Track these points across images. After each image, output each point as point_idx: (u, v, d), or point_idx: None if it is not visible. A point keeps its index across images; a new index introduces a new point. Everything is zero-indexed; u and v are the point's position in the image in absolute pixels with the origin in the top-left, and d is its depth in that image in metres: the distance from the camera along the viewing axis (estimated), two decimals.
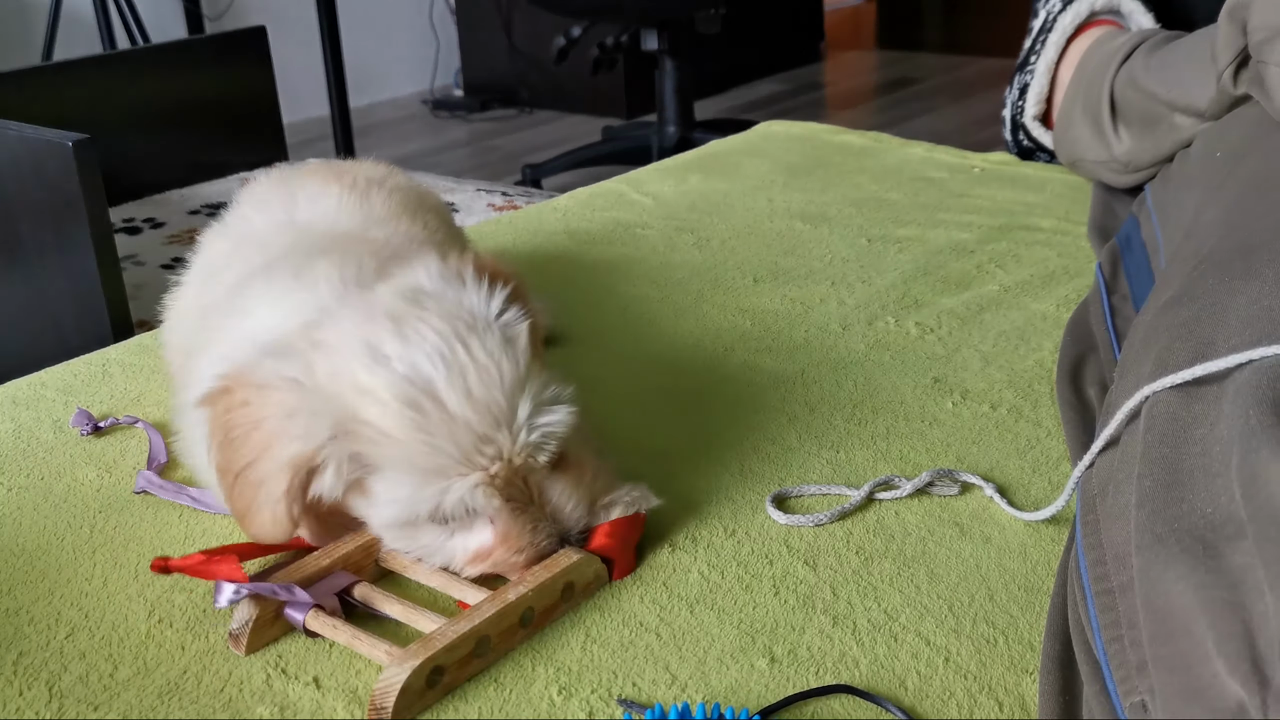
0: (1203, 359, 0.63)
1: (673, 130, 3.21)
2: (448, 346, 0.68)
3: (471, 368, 0.68)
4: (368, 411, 0.67)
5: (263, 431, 0.68)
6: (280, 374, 0.69)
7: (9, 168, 1.42)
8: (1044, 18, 1.45)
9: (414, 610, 0.69)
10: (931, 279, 1.20)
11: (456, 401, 0.67)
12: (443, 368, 0.67)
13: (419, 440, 0.66)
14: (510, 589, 0.69)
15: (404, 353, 0.68)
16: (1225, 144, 1.01)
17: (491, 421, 0.68)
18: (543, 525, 0.71)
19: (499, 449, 0.68)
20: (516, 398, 0.68)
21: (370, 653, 0.66)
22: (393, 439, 0.67)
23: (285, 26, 3.63)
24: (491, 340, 0.69)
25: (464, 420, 0.67)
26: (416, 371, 0.67)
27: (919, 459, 0.87)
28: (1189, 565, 0.53)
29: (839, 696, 0.64)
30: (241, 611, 0.68)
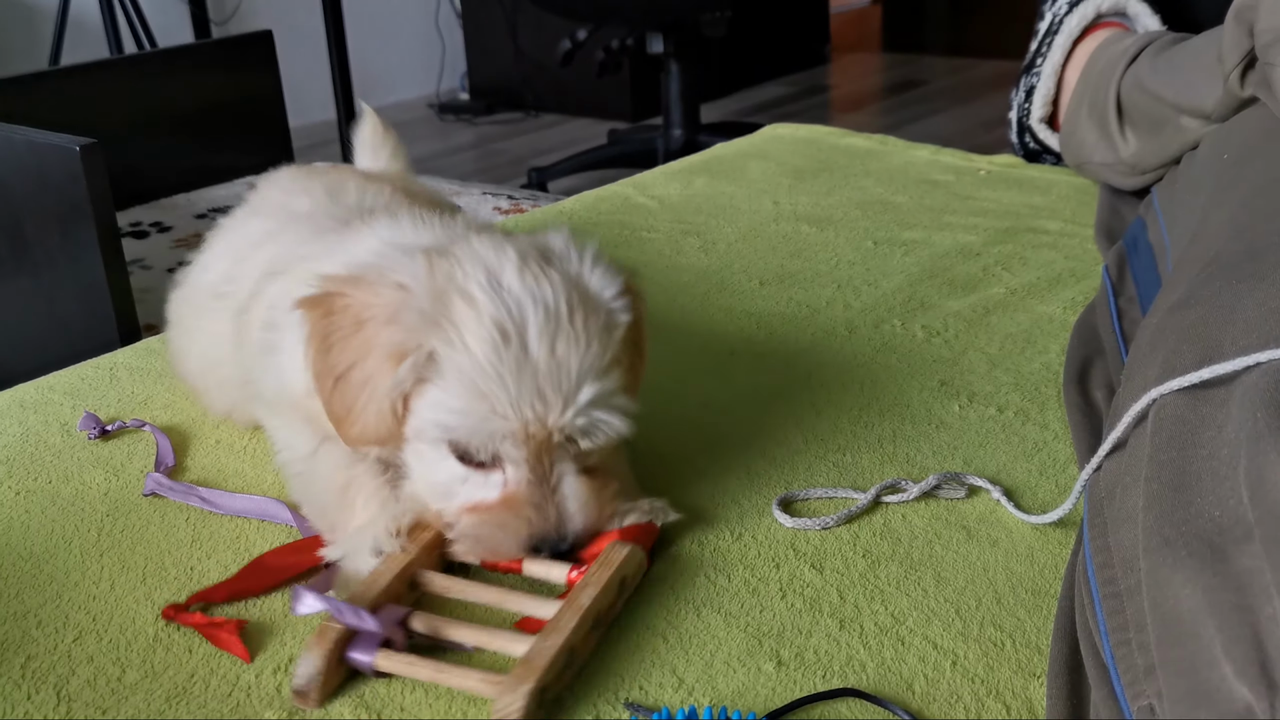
0: (1210, 362, 0.63)
1: (678, 133, 3.21)
2: (554, 302, 0.70)
3: (567, 331, 0.69)
4: (462, 317, 0.69)
5: (366, 332, 0.70)
6: (390, 276, 0.71)
7: (17, 172, 1.42)
8: (1050, 20, 1.45)
9: (485, 632, 0.68)
10: (938, 282, 1.20)
11: (538, 349, 0.69)
12: (542, 318, 0.69)
13: (489, 362, 0.68)
14: (579, 594, 0.68)
15: (517, 287, 0.70)
16: (1232, 146, 1.01)
17: (555, 384, 0.69)
18: (544, 513, 0.71)
19: (548, 412, 0.69)
20: (587, 378, 0.70)
21: (462, 684, 0.64)
22: (469, 351, 0.68)
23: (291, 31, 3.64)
24: (595, 319, 0.71)
25: (534, 368, 0.68)
26: (518, 307, 0.69)
27: (926, 462, 0.87)
28: (1197, 568, 0.53)
29: (846, 700, 0.64)
30: (305, 666, 0.65)
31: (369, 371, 0.70)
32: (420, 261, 0.72)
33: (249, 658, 0.69)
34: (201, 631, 0.71)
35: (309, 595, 0.69)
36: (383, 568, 0.71)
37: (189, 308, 0.98)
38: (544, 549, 0.72)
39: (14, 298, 1.52)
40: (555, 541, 0.72)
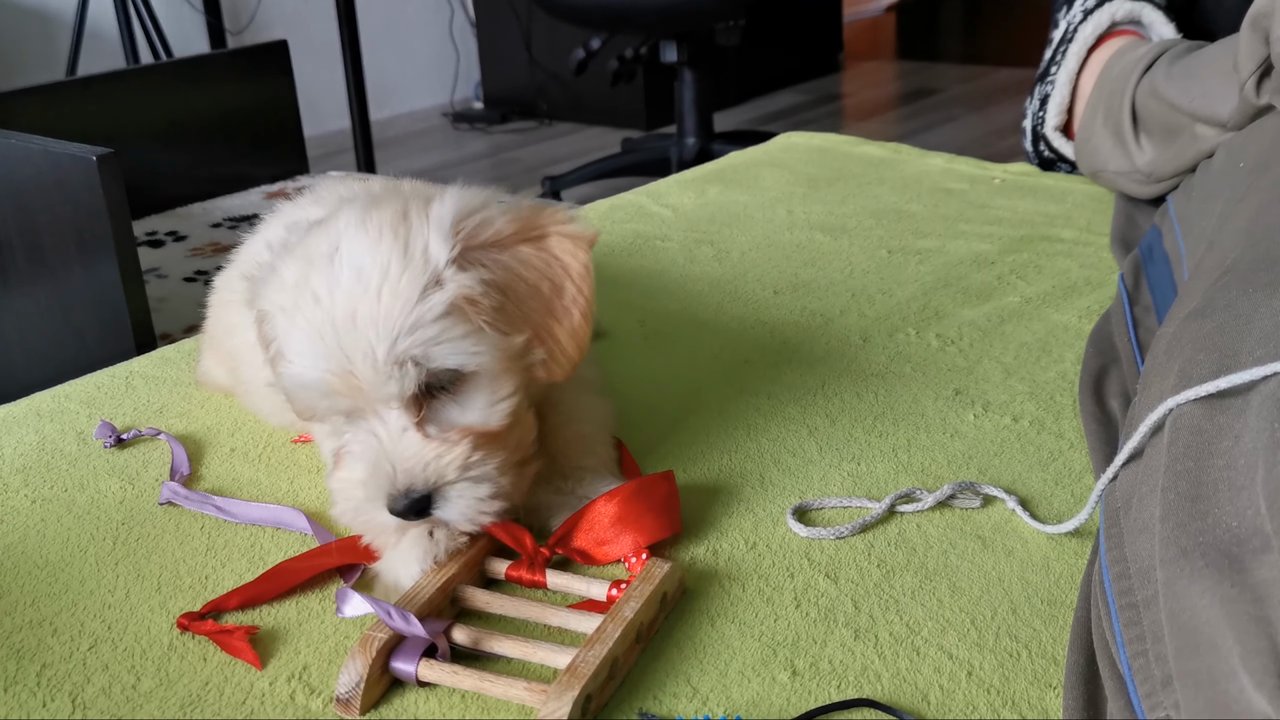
0: (1227, 371, 0.63)
1: (692, 142, 3.21)
2: (370, 267, 0.72)
3: (373, 295, 0.71)
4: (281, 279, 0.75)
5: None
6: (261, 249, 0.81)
7: (34, 182, 1.43)
8: (1064, 28, 1.45)
9: (528, 644, 0.68)
10: (952, 290, 1.19)
11: (342, 312, 0.71)
12: (349, 280, 0.72)
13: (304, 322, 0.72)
14: (622, 606, 0.68)
15: (346, 254, 0.73)
16: (1248, 154, 1.00)
17: (357, 344, 0.71)
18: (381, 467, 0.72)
19: (351, 366, 0.71)
20: (390, 336, 0.71)
21: (506, 693, 0.64)
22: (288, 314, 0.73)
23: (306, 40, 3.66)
24: (409, 281, 0.72)
25: (338, 330, 0.71)
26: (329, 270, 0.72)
27: (940, 471, 0.87)
28: (1214, 579, 0.53)
29: (861, 710, 0.64)
30: (348, 674, 0.65)
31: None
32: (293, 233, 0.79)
33: (260, 664, 0.69)
34: (213, 639, 0.71)
35: (356, 596, 0.70)
36: (423, 581, 0.71)
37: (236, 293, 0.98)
38: (393, 508, 0.72)
39: (31, 306, 1.53)
40: (398, 499, 0.72)
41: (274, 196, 2.24)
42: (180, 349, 1.14)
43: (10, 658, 0.71)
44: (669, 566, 0.72)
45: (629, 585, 0.71)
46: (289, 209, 1.00)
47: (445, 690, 0.67)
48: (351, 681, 0.65)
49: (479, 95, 4.46)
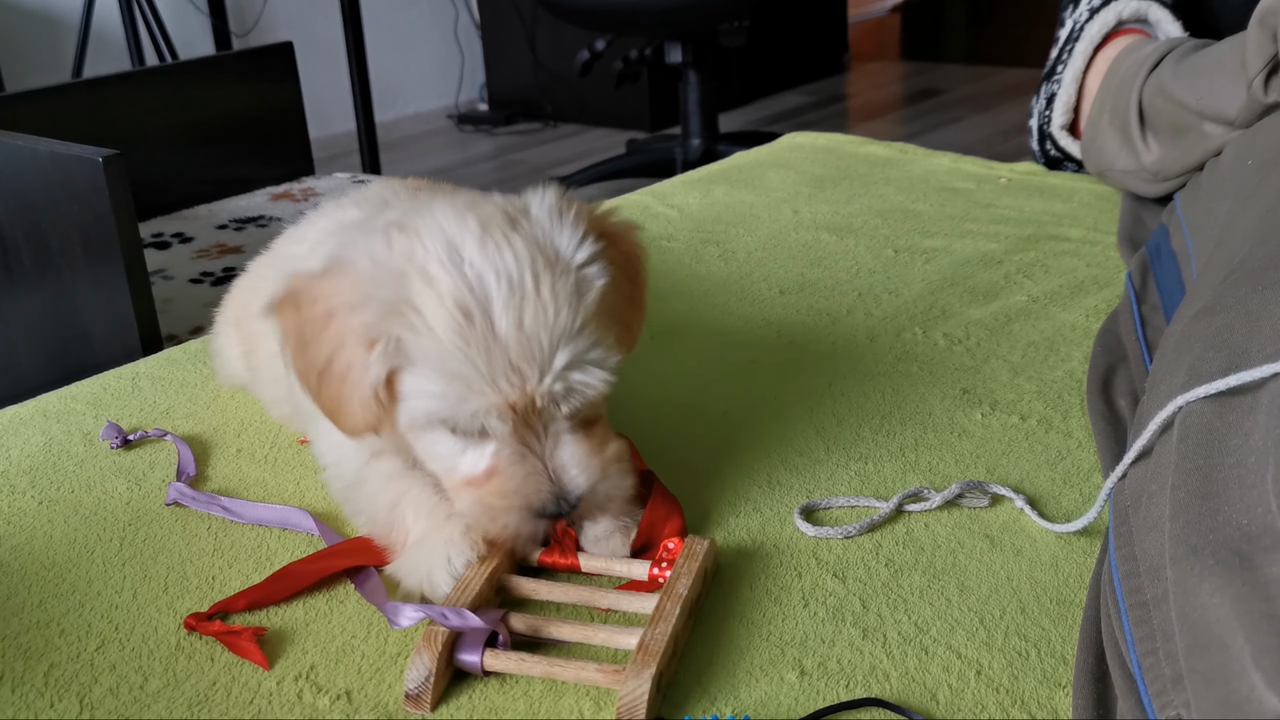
0: (1236, 369, 0.63)
1: (697, 143, 3.21)
2: (518, 271, 0.69)
3: (533, 300, 0.68)
4: (424, 300, 0.68)
5: (335, 323, 0.70)
6: (349, 255, 0.71)
7: (40, 183, 1.43)
8: (1071, 27, 1.45)
9: (588, 628, 0.68)
10: (959, 290, 1.19)
11: (505, 324, 0.68)
12: (505, 290, 0.68)
13: (455, 346, 0.68)
14: (675, 584, 0.70)
15: (478, 260, 0.69)
16: (1256, 152, 1.00)
17: (527, 356, 0.68)
18: (538, 479, 0.71)
19: (525, 383, 0.69)
20: (560, 344, 0.69)
21: (579, 676, 0.65)
22: (434, 335, 0.68)
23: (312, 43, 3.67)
24: (563, 283, 0.70)
25: (503, 344, 0.68)
26: (481, 283, 0.68)
27: (948, 470, 0.87)
28: (1225, 577, 0.52)
29: (870, 710, 0.64)
30: (417, 670, 0.65)
31: (345, 361, 0.70)
32: (378, 241, 0.71)
33: (267, 665, 0.69)
34: (220, 639, 0.71)
35: (407, 608, 0.70)
36: (469, 574, 0.71)
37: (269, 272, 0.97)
38: (549, 513, 0.72)
39: (37, 308, 1.53)
40: (557, 504, 0.72)
41: (279, 198, 2.24)
42: (186, 350, 1.14)
43: (18, 658, 0.71)
44: (709, 543, 0.74)
45: (674, 564, 0.72)
46: (330, 209, 0.99)
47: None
48: (420, 677, 0.65)
49: (484, 97, 4.47)
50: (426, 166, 3.78)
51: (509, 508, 0.71)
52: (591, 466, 0.72)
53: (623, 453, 0.75)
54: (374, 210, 0.94)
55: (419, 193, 0.98)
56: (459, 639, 0.67)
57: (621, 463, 0.75)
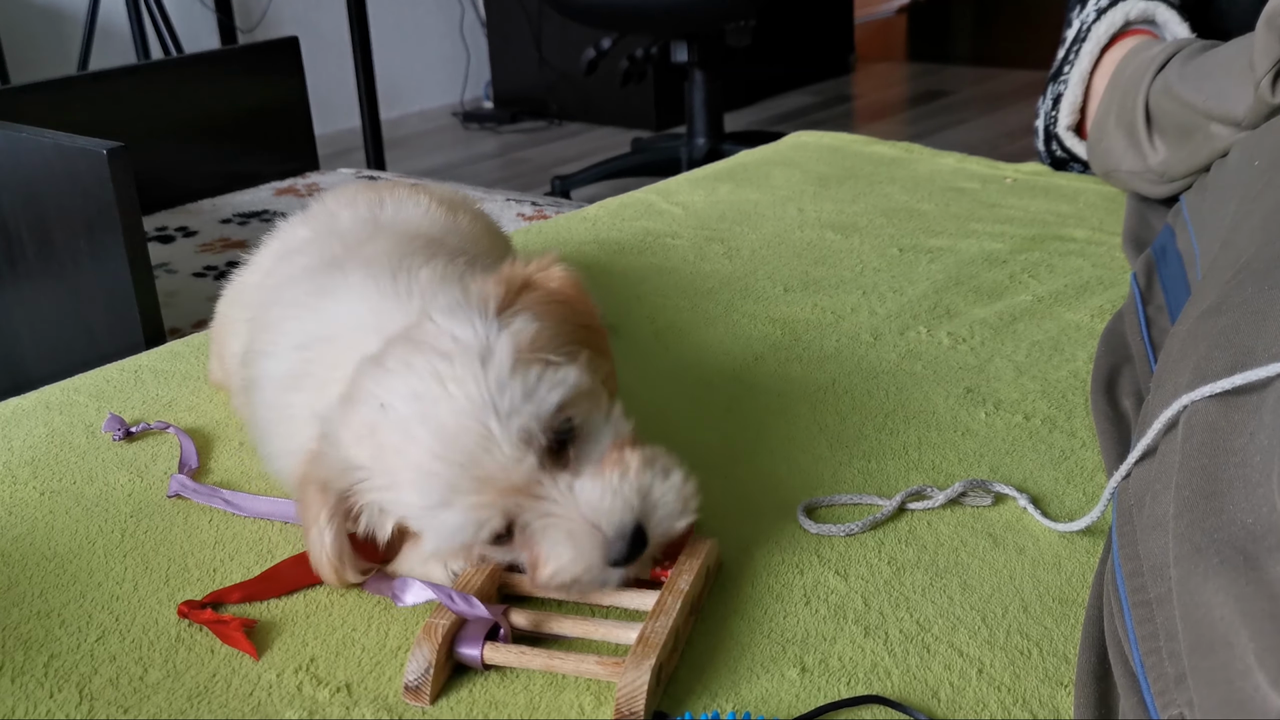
0: (1242, 368, 0.62)
1: (702, 142, 3.21)
2: (424, 387, 0.67)
3: (445, 403, 0.66)
4: (370, 459, 0.68)
5: (305, 501, 0.71)
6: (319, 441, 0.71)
7: (44, 175, 1.43)
8: (1078, 27, 1.44)
9: (589, 622, 0.68)
10: (964, 289, 1.19)
11: (433, 437, 0.66)
12: (419, 409, 0.67)
13: (412, 479, 0.67)
14: (677, 580, 0.70)
15: (393, 399, 0.68)
16: (1263, 153, 1.00)
17: (472, 445, 0.66)
18: (577, 535, 0.67)
19: (486, 468, 0.66)
20: (486, 415, 0.66)
21: (579, 669, 0.65)
22: (392, 483, 0.68)
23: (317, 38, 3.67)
24: (462, 367, 0.67)
25: (444, 453, 0.66)
26: (400, 417, 0.67)
27: (951, 469, 0.87)
28: (1229, 577, 0.52)
29: (871, 707, 0.64)
30: (417, 662, 0.65)
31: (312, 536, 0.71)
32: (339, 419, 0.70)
33: (256, 654, 0.69)
34: (210, 628, 0.71)
35: (416, 585, 0.70)
36: (471, 570, 0.71)
37: (233, 305, 0.98)
38: (614, 558, 0.67)
39: (41, 300, 1.53)
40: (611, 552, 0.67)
41: (284, 193, 2.24)
42: (189, 343, 1.14)
43: (18, 648, 0.71)
44: (711, 543, 0.74)
45: (675, 562, 0.72)
46: (283, 228, 0.99)
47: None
48: (420, 669, 0.65)
49: (489, 95, 4.47)
50: (431, 164, 3.78)
51: (583, 573, 0.68)
52: (625, 490, 0.68)
53: (651, 455, 0.71)
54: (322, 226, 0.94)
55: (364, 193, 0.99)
56: (459, 632, 0.67)
57: (653, 468, 0.70)
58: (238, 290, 0.99)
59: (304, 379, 0.77)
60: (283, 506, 0.84)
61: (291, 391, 0.78)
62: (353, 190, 1.02)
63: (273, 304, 0.85)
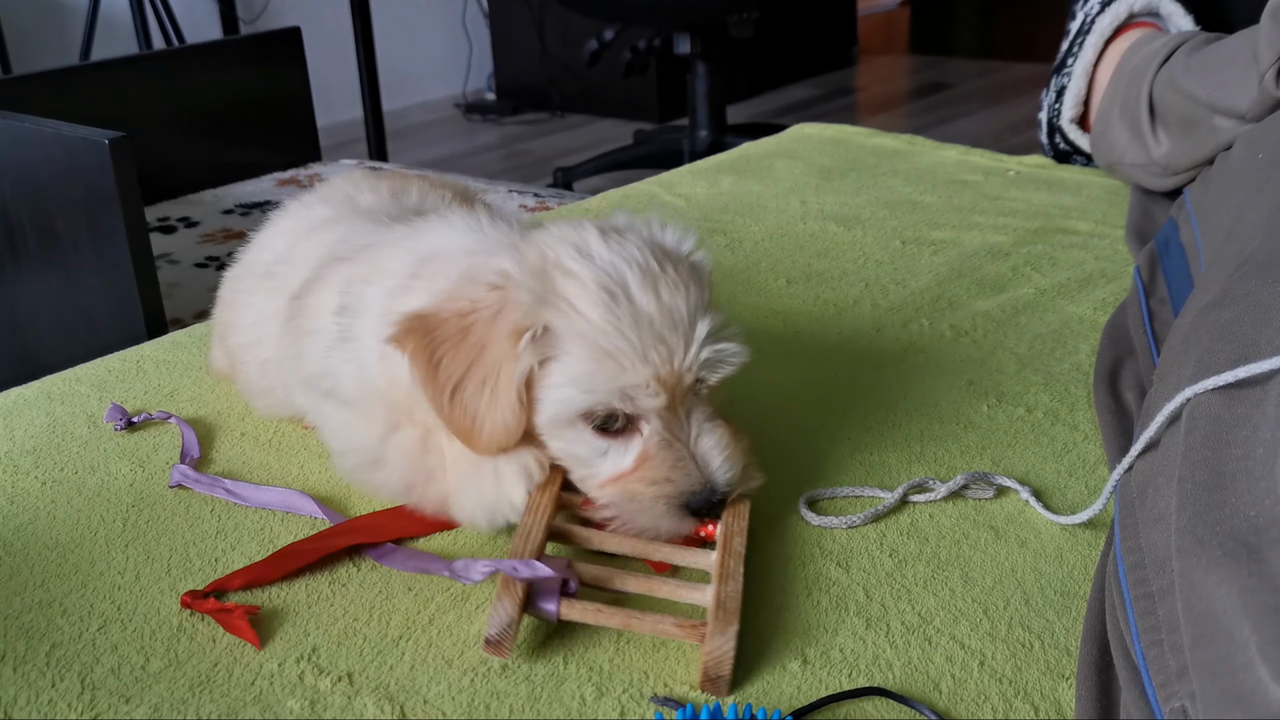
0: (1245, 361, 0.62)
1: (704, 134, 3.20)
2: (644, 259, 0.72)
3: (664, 279, 0.72)
4: (568, 288, 0.71)
5: (475, 333, 0.71)
6: (484, 273, 0.73)
7: (46, 165, 1.43)
8: (1081, 20, 1.44)
9: (654, 581, 0.70)
10: (966, 281, 1.19)
11: (646, 300, 0.71)
12: (638, 272, 0.71)
13: (605, 321, 0.70)
14: (732, 540, 0.71)
15: (606, 254, 0.72)
16: (1267, 145, 1.00)
17: (671, 325, 0.71)
18: (686, 465, 0.72)
19: (672, 356, 0.71)
20: (698, 315, 0.72)
21: (656, 629, 0.66)
22: (582, 315, 0.70)
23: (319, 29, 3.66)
24: (683, 267, 0.74)
25: (648, 317, 0.70)
26: (615, 268, 0.72)
27: (953, 462, 0.86)
28: (1232, 569, 0.52)
29: (872, 699, 0.64)
30: (499, 616, 0.65)
31: (488, 367, 0.71)
32: (509, 253, 0.74)
33: (259, 643, 0.69)
34: (214, 617, 0.71)
35: (478, 564, 0.71)
36: (528, 520, 0.72)
37: (241, 284, 0.98)
38: (696, 505, 0.72)
39: (43, 290, 1.53)
40: (706, 495, 0.72)
41: (285, 184, 2.24)
42: (191, 334, 1.14)
43: (20, 637, 0.71)
44: (746, 501, 0.75)
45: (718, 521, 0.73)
46: (294, 208, 1.00)
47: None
48: (502, 622, 0.65)
49: (491, 86, 4.46)
50: (433, 155, 3.77)
51: (657, 496, 0.72)
52: (735, 456, 0.74)
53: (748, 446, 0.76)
54: (344, 206, 0.95)
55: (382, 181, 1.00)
56: (533, 586, 0.67)
57: (740, 442, 0.75)
58: (247, 268, 0.99)
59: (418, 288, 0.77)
60: (286, 496, 0.84)
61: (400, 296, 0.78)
62: (359, 175, 1.02)
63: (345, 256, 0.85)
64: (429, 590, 0.74)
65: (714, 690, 0.64)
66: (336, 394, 0.82)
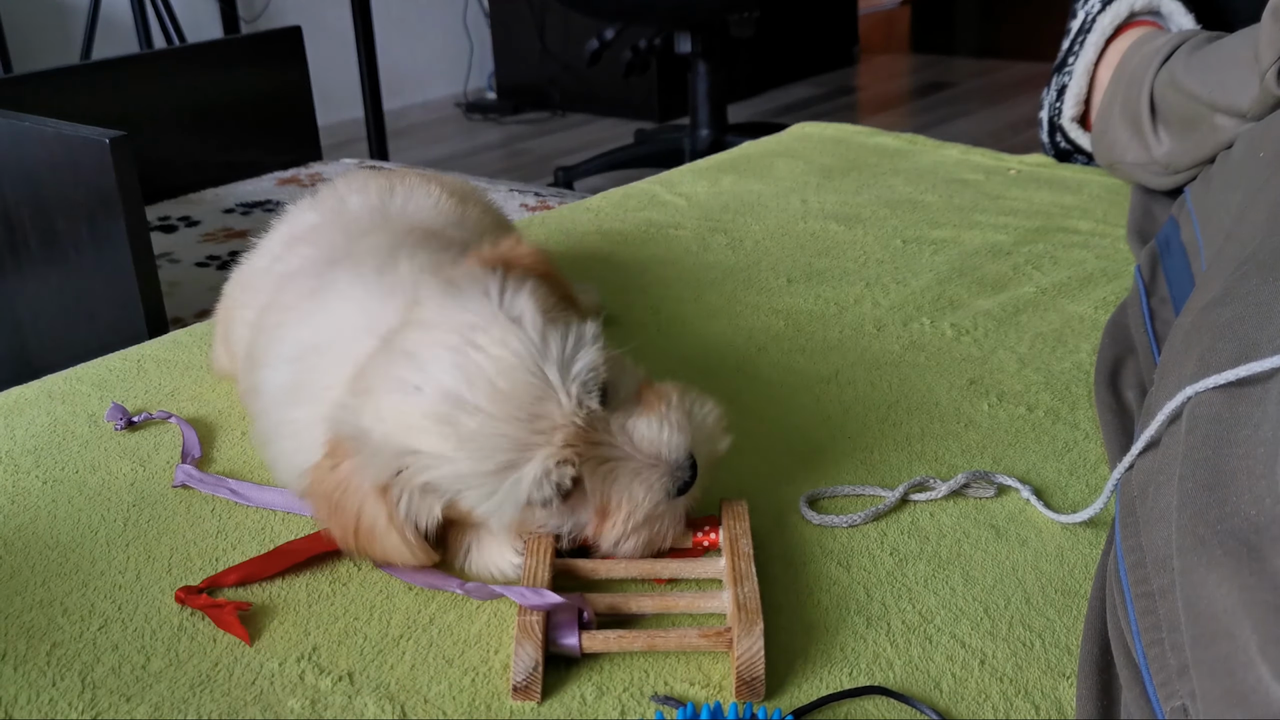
0: (1246, 360, 0.62)
1: (705, 133, 3.20)
2: (460, 357, 0.68)
3: (488, 365, 0.68)
4: (419, 442, 0.68)
5: (351, 489, 0.71)
6: (347, 433, 0.71)
7: (47, 164, 1.43)
8: (1082, 18, 1.44)
9: (669, 597, 0.70)
10: (967, 280, 1.19)
11: (488, 400, 0.67)
12: (463, 378, 0.68)
13: (470, 449, 0.67)
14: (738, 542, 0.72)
15: (426, 379, 0.68)
16: (1268, 144, 0.99)
17: (529, 400, 0.68)
18: (647, 471, 0.70)
19: (552, 419, 0.68)
20: (541, 365, 0.69)
21: (681, 643, 0.66)
22: (447, 458, 0.68)
23: (320, 28, 3.66)
24: (497, 330, 0.69)
25: (502, 412, 0.67)
26: (443, 391, 0.68)
27: (954, 460, 0.86)
28: (1232, 568, 0.52)
29: (873, 698, 0.64)
30: (523, 660, 0.65)
31: (367, 528, 0.71)
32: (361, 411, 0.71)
33: (249, 639, 0.69)
34: (206, 612, 0.71)
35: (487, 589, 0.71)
36: (532, 562, 0.71)
37: (240, 289, 0.98)
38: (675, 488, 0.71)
39: (43, 289, 1.53)
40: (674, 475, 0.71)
41: (286, 183, 2.24)
42: (192, 333, 1.14)
43: (20, 636, 0.71)
44: (745, 503, 0.76)
45: (716, 526, 0.74)
46: (292, 213, 1.00)
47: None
48: (527, 667, 0.65)
49: (492, 85, 4.46)
50: (434, 155, 3.77)
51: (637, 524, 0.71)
52: (674, 420, 0.72)
53: (683, 390, 0.75)
54: (331, 212, 0.95)
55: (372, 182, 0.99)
56: (551, 623, 0.67)
57: (687, 398, 0.74)
58: (246, 276, 0.99)
59: (301, 391, 0.77)
60: (289, 498, 0.84)
61: (290, 407, 0.78)
62: (363, 176, 1.02)
63: (270, 307, 0.85)
64: (430, 590, 0.74)
65: (751, 693, 0.64)
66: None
